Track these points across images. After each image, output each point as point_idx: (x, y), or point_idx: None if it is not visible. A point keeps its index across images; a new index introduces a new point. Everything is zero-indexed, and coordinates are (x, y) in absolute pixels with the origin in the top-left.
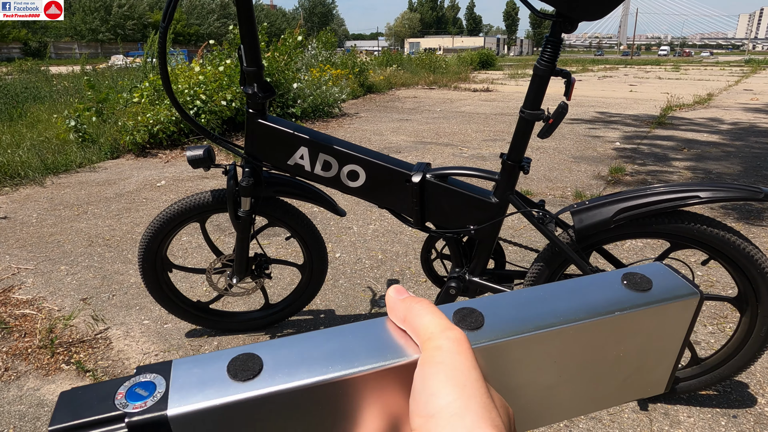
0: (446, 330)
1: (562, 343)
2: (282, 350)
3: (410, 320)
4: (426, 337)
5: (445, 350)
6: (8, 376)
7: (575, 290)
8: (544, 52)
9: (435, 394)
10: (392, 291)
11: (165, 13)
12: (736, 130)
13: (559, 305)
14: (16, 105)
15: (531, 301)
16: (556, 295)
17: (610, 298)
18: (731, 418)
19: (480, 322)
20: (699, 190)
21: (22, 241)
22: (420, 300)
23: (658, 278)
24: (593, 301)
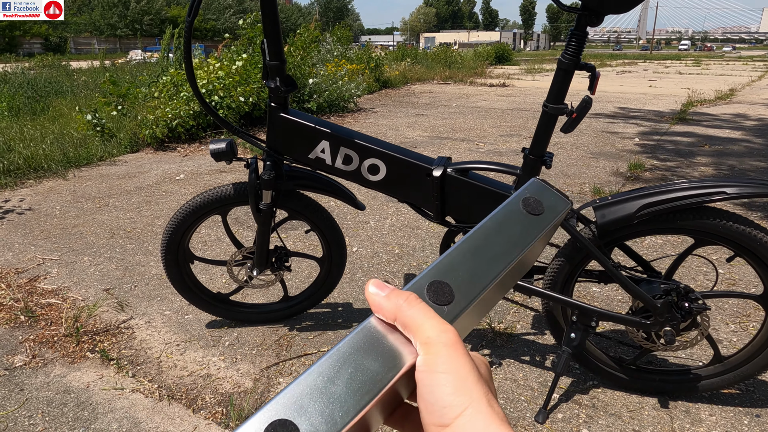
0: (441, 333)
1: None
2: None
3: (402, 320)
4: (422, 340)
5: (445, 357)
6: (36, 363)
7: (500, 229)
8: (568, 45)
9: (447, 405)
10: (372, 287)
11: (191, 8)
12: (759, 126)
13: (496, 249)
14: (39, 99)
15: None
16: (489, 239)
17: (523, 229)
18: (754, 417)
19: (450, 294)
20: (725, 186)
21: (46, 233)
22: (405, 296)
23: (543, 196)
24: (516, 237)
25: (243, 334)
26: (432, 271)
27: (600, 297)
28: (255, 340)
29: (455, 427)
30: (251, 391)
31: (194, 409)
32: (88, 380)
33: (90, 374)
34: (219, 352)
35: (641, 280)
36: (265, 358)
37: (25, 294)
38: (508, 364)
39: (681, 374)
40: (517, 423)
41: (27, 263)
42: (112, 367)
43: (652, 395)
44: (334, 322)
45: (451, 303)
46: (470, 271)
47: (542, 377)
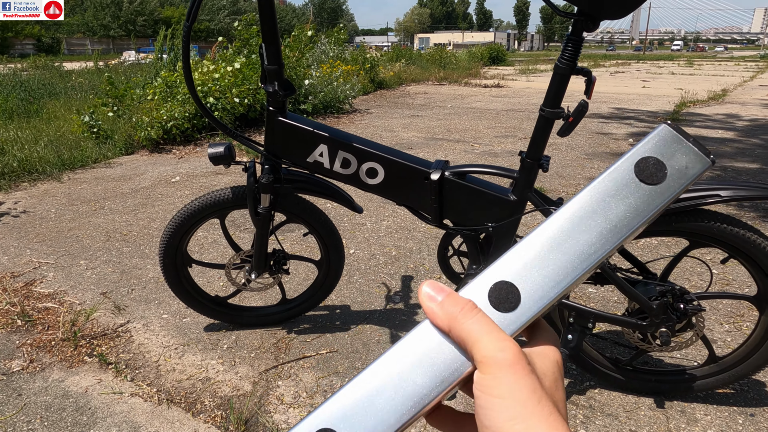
0: (500, 351)
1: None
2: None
3: (456, 333)
4: (479, 357)
5: (503, 381)
6: (33, 367)
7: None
8: (564, 50)
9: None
10: (427, 288)
11: (189, 12)
12: (752, 127)
13: (583, 238)
14: (32, 101)
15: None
16: (577, 222)
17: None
18: (748, 416)
19: (516, 299)
20: (719, 189)
21: (42, 236)
22: (461, 305)
23: (670, 156)
24: (615, 219)
25: (241, 337)
26: (497, 268)
27: (596, 298)
28: (253, 343)
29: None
30: (250, 395)
31: (193, 412)
32: (86, 384)
33: (88, 378)
34: (217, 356)
35: (637, 281)
36: (264, 361)
37: (21, 298)
38: None
39: (676, 374)
40: None
41: (23, 267)
42: (110, 371)
43: (649, 395)
44: (332, 325)
45: (516, 309)
46: (545, 270)
47: None
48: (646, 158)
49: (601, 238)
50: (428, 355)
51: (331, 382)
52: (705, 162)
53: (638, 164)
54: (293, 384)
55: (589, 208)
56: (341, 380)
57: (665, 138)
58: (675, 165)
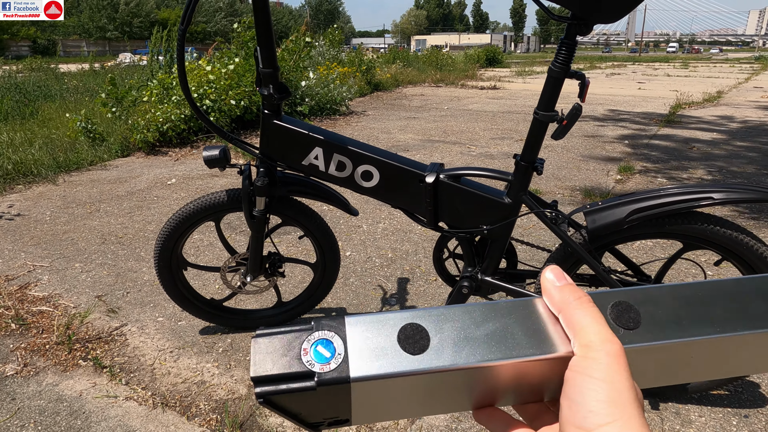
0: (605, 342)
1: (713, 349)
2: (446, 325)
3: (568, 315)
4: (584, 342)
5: (603, 365)
6: (27, 371)
7: (737, 295)
8: (558, 53)
9: (594, 411)
10: (550, 273)
11: (184, 16)
12: (746, 129)
13: (716, 311)
14: (27, 103)
15: (689, 302)
16: (716, 297)
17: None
18: (742, 417)
19: (636, 322)
20: (712, 191)
21: (36, 239)
22: (578, 295)
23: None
24: (753, 313)
25: (237, 340)
26: (625, 291)
27: None
28: (248, 346)
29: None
30: (246, 398)
31: (188, 416)
32: (80, 388)
33: (83, 382)
34: (213, 359)
35: (631, 283)
36: None
37: (15, 301)
38: None
39: None
40: None
41: (17, 270)
42: (105, 375)
43: (643, 397)
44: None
45: (633, 330)
46: (672, 315)
47: None
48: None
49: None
50: (534, 323)
51: None
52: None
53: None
54: None
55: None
56: None
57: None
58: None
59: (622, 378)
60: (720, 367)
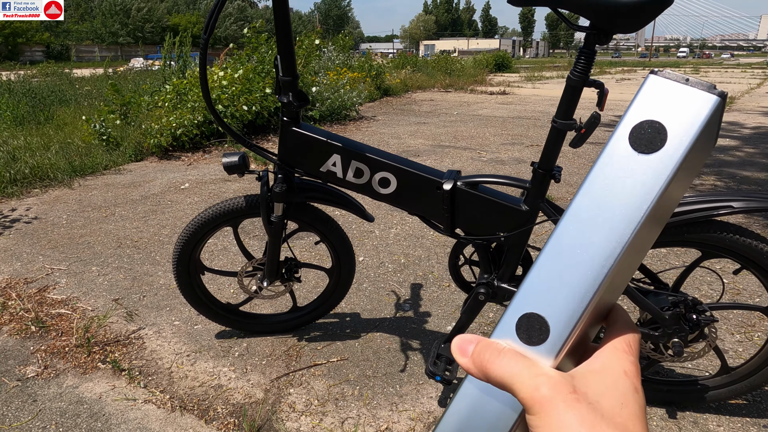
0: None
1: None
2: None
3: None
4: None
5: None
6: (48, 374)
7: (596, 206)
8: (577, 62)
9: None
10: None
11: (206, 26)
12: (759, 135)
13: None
14: (43, 108)
15: (565, 256)
16: (582, 227)
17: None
18: (762, 428)
19: (545, 328)
20: (732, 200)
21: (54, 242)
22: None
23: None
24: (621, 209)
25: (252, 344)
26: (519, 301)
27: None
28: (264, 350)
29: None
30: (262, 402)
31: (206, 420)
32: (100, 391)
33: (102, 385)
34: (229, 363)
35: (649, 291)
36: (275, 368)
37: (35, 304)
38: None
39: (689, 385)
40: None
41: (36, 273)
42: (123, 378)
43: (660, 406)
44: (342, 332)
45: (548, 339)
46: (564, 288)
47: None
48: (639, 124)
49: (611, 235)
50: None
51: (342, 390)
52: (711, 99)
53: (632, 133)
54: (305, 392)
55: (590, 206)
56: (353, 389)
57: (655, 89)
58: (675, 119)
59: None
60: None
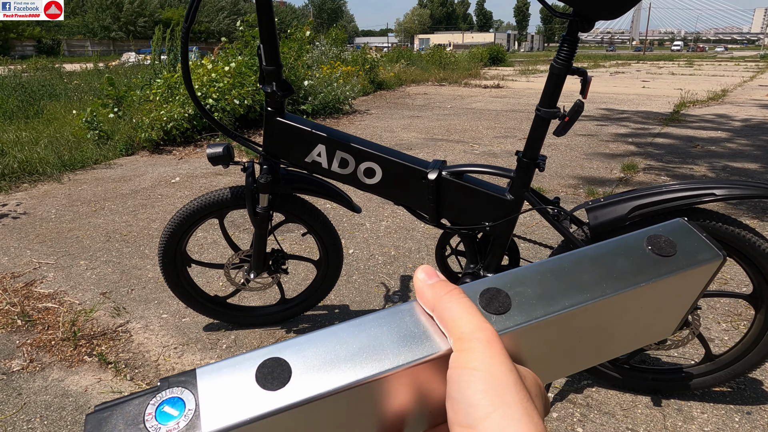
0: (478, 330)
1: (589, 316)
2: (309, 352)
3: (440, 312)
4: (457, 335)
5: (478, 354)
6: (33, 367)
7: (599, 259)
8: (560, 50)
9: (473, 405)
10: (421, 273)
11: (188, 14)
12: (750, 127)
13: (583, 278)
14: (32, 103)
15: (556, 275)
16: (580, 265)
17: (635, 266)
18: (745, 414)
19: (507, 305)
20: (714, 188)
21: (42, 237)
22: (449, 289)
23: (682, 240)
24: (618, 272)
25: (240, 336)
26: (493, 278)
27: None
28: (252, 342)
29: (481, 430)
30: None
31: None
32: (86, 384)
33: (88, 378)
34: (217, 355)
35: None
36: None
37: (21, 298)
38: None
39: (673, 372)
40: None
41: (23, 267)
42: (110, 371)
43: (645, 394)
44: (330, 324)
45: (504, 314)
46: (540, 290)
47: None
48: (658, 235)
49: (601, 281)
50: (407, 329)
51: None
52: (716, 255)
53: (650, 238)
54: None
55: (594, 257)
56: None
57: (679, 227)
58: (686, 248)
59: (499, 363)
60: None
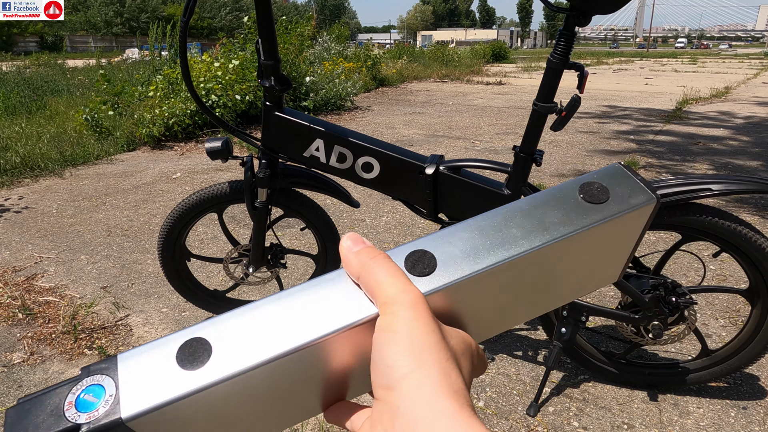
0: (401, 293)
1: (519, 270)
2: (230, 329)
3: (365, 278)
4: (382, 300)
5: (400, 317)
6: (34, 360)
7: (530, 212)
8: (557, 45)
9: (392, 366)
10: (346, 240)
11: (186, 8)
12: (753, 124)
13: (512, 232)
14: (35, 98)
15: (484, 232)
16: (510, 219)
17: (566, 216)
18: (741, 409)
19: (432, 266)
20: (711, 183)
21: (43, 231)
22: (374, 255)
23: (616, 185)
24: (548, 223)
25: None
26: (420, 240)
27: (592, 293)
28: None
29: (399, 390)
30: None
31: None
32: None
33: None
34: None
35: (630, 275)
36: None
37: (22, 292)
38: (501, 359)
39: (670, 368)
40: (509, 416)
41: (24, 261)
42: None
43: (642, 389)
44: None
45: (429, 275)
46: (467, 248)
47: (534, 371)
48: (591, 182)
49: (529, 235)
50: (334, 297)
51: None
52: (650, 198)
53: (583, 186)
54: None
55: (525, 210)
56: None
57: (613, 171)
58: (619, 194)
59: (421, 325)
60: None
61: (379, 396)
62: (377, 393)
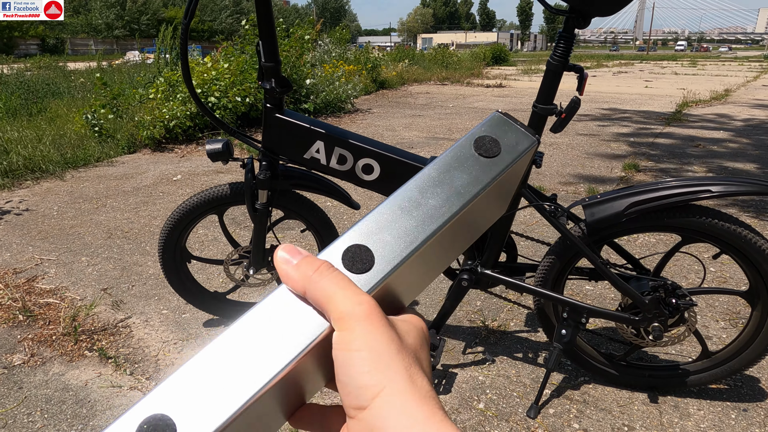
0: (355, 305)
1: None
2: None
3: (312, 293)
4: (336, 315)
5: (358, 333)
6: (34, 361)
7: (440, 179)
8: (557, 47)
9: (362, 386)
10: (282, 252)
11: (187, 11)
12: (752, 127)
13: (431, 203)
14: (36, 101)
15: (407, 210)
16: (426, 191)
17: (471, 175)
18: (741, 411)
19: (370, 259)
20: (710, 184)
21: (44, 233)
22: (316, 266)
23: (503, 135)
24: (459, 186)
25: None
26: (350, 234)
27: (593, 294)
28: None
29: (372, 409)
30: None
31: None
32: (86, 378)
33: (88, 372)
34: None
35: (630, 277)
36: None
37: (23, 294)
38: (501, 360)
39: (670, 369)
40: (510, 418)
41: (25, 263)
42: (110, 365)
43: (642, 390)
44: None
45: (371, 270)
46: (396, 231)
47: (534, 373)
48: (483, 136)
49: (447, 202)
50: (283, 321)
51: None
52: (531, 140)
53: (477, 141)
54: None
55: (435, 178)
56: None
57: (497, 122)
58: (508, 143)
59: (380, 336)
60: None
61: (352, 415)
62: (350, 412)
